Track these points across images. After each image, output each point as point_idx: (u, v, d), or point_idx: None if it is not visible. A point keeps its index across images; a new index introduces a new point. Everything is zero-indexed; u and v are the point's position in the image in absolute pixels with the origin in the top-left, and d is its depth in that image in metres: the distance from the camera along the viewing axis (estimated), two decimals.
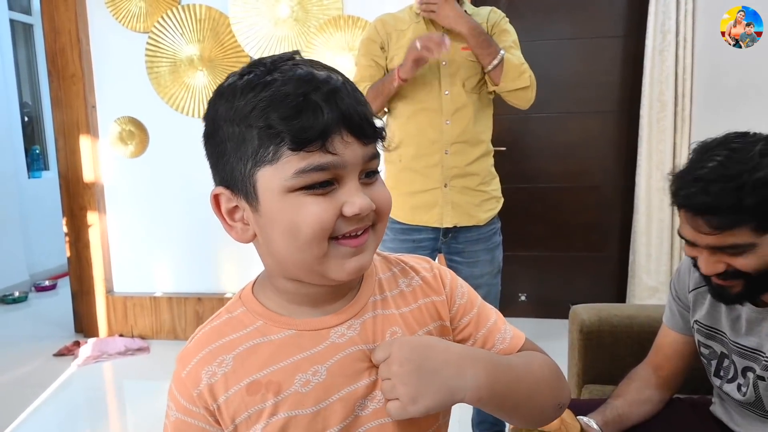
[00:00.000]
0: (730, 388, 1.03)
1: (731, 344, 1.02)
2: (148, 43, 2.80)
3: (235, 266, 2.94)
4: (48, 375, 2.56)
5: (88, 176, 2.92)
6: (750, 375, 0.99)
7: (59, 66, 2.85)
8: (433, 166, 1.57)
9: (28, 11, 4.34)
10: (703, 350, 1.09)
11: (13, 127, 4.00)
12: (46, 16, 2.84)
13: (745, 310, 0.99)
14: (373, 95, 1.53)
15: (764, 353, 0.96)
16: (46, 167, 4.45)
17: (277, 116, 0.51)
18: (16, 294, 3.73)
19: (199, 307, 2.92)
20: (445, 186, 1.57)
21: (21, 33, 4.32)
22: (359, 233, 0.55)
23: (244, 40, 2.73)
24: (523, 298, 3.14)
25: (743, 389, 1.00)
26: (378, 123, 0.57)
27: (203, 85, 2.80)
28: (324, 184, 0.53)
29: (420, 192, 1.59)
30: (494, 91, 1.59)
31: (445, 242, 1.63)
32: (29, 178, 4.22)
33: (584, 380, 1.52)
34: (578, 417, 1.03)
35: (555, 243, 3.09)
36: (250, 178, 0.54)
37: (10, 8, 4.06)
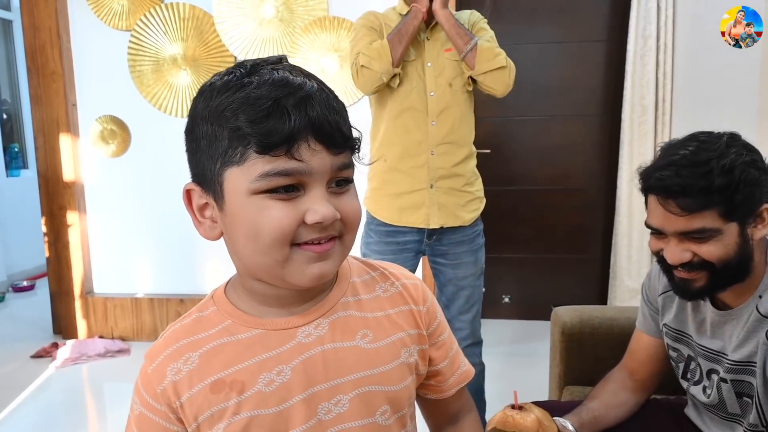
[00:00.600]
0: (696, 390, 1.05)
1: (697, 347, 1.04)
2: (130, 41, 2.76)
3: (217, 267, 2.92)
4: (25, 377, 2.51)
5: (68, 175, 2.87)
6: (714, 377, 1.01)
7: (39, 63, 2.80)
8: (420, 167, 1.57)
9: (7, 7, 4.26)
10: (672, 353, 1.10)
11: None
12: (25, 12, 2.79)
13: (709, 314, 1.01)
14: (397, 41, 1.50)
15: (726, 355, 0.98)
16: (24, 166, 4.37)
17: (246, 119, 0.51)
18: None
19: (180, 308, 2.89)
20: (431, 187, 1.58)
21: (0, 29, 4.23)
22: (323, 242, 0.55)
23: (228, 39, 2.71)
24: (506, 299, 3.16)
25: (708, 391, 1.02)
26: (354, 133, 0.56)
27: (187, 84, 2.77)
28: (288, 189, 0.52)
29: (406, 193, 1.59)
30: (474, 82, 1.58)
31: (429, 244, 1.64)
32: (7, 176, 4.14)
33: (565, 381, 1.53)
34: (554, 418, 1.04)
35: (539, 245, 3.12)
36: (218, 177, 0.54)
37: None
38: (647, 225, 0.96)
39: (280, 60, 0.57)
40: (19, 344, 2.87)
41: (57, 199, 2.89)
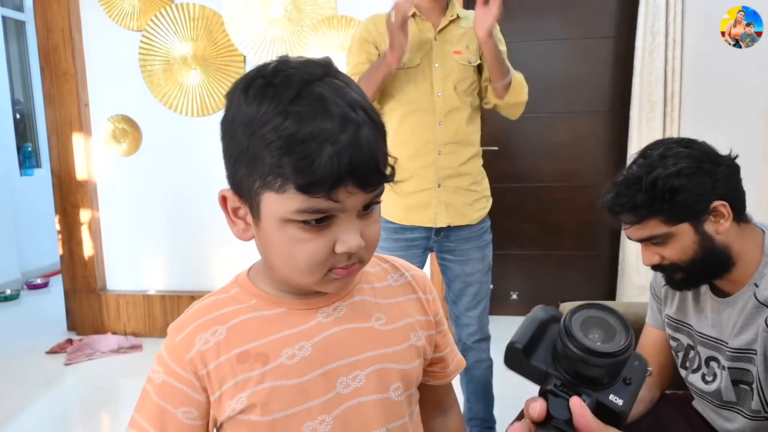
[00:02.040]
0: (695, 378, 1.07)
1: (696, 335, 1.07)
2: (141, 41, 2.80)
3: (228, 264, 2.95)
4: (40, 373, 2.56)
5: (81, 174, 2.92)
6: (714, 365, 1.03)
7: (52, 63, 2.85)
8: (427, 167, 1.58)
9: (20, 8, 4.32)
10: (672, 342, 1.14)
11: (5, 124, 3.99)
12: (38, 14, 2.83)
13: (709, 301, 1.05)
14: (365, 85, 1.52)
15: (726, 343, 1.00)
16: (38, 165, 4.43)
17: (290, 162, 0.52)
18: (8, 292, 3.72)
19: None
20: (439, 186, 1.59)
21: (13, 30, 4.30)
22: (348, 267, 0.59)
23: (237, 39, 2.73)
24: (514, 296, 3.17)
25: (707, 378, 1.05)
26: (387, 169, 0.57)
27: (196, 83, 2.81)
28: (320, 220, 0.55)
29: (414, 192, 1.61)
30: (489, 101, 1.62)
31: (437, 241, 1.65)
32: (21, 175, 4.21)
33: None
34: None
35: (546, 242, 3.12)
36: (256, 195, 0.56)
37: (2, 5, 4.04)
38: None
39: (326, 73, 0.56)
40: (34, 340, 2.92)
41: (70, 197, 2.94)
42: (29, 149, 4.33)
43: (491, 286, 1.73)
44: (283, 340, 0.61)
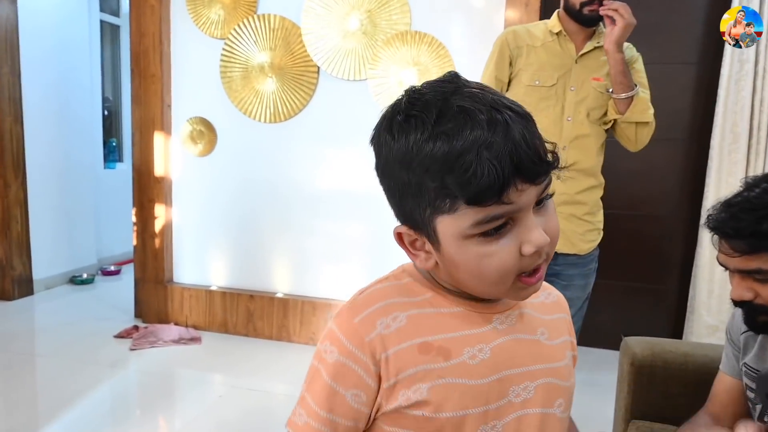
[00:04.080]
0: None
1: None
2: (223, 49, 2.94)
3: (288, 268, 3.03)
4: (107, 355, 2.72)
5: (159, 170, 3.09)
6: None
7: (141, 66, 3.04)
8: None
9: (116, 13, 4.64)
10: (749, 393, 1.07)
11: (95, 119, 4.28)
12: (133, 20, 3.04)
13: None
14: None
15: None
16: (120, 159, 4.73)
17: (453, 180, 0.52)
18: (84, 276, 3.97)
19: (250, 304, 3.03)
20: None
21: (108, 33, 4.62)
22: (535, 273, 0.58)
23: (313, 50, 2.82)
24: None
25: None
26: (550, 155, 0.55)
27: (271, 91, 2.92)
28: (499, 228, 0.55)
29: None
30: (612, 122, 1.57)
31: None
32: (105, 168, 4.50)
33: (632, 415, 1.47)
34: None
35: (611, 271, 2.99)
36: (430, 222, 0.57)
37: (101, 10, 4.36)
38: (718, 261, 1.00)
39: (457, 86, 0.56)
40: (104, 324, 3.11)
41: (147, 192, 3.11)
42: (114, 144, 4.63)
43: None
44: (465, 339, 0.61)
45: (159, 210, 3.11)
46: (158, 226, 3.12)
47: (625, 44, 1.62)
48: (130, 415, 2.27)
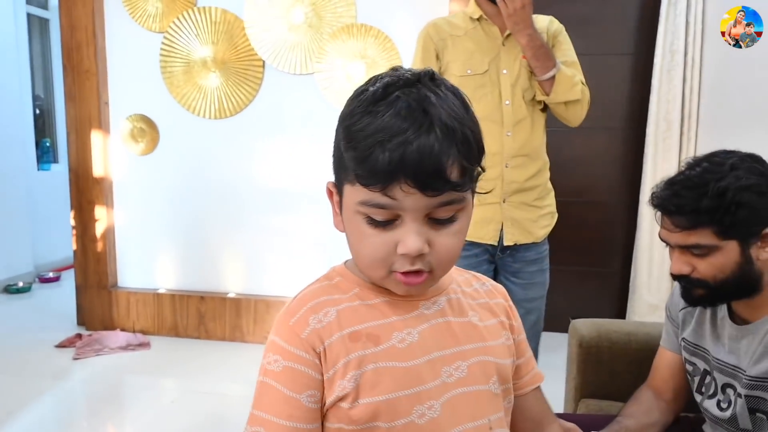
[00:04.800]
0: (710, 404, 1.06)
1: (713, 361, 1.05)
2: (162, 43, 2.84)
3: (240, 267, 2.97)
4: (48, 366, 2.58)
5: (97, 171, 2.95)
6: (729, 392, 1.02)
7: (74, 61, 2.89)
8: (493, 180, 1.50)
9: (45, 6, 4.39)
10: (688, 367, 1.12)
11: (25, 119, 4.05)
12: (63, 12, 2.88)
13: (727, 328, 1.03)
14: None
15: (744, 371, 0.99)
16: (55, 160, 4.49)
17: (353, 155, 0.57)
18: (20, 284, 3.76)
19: (201, 306, 2.95)
20: (504, 201, 1.53)
21: (36, 27, 4.37)
22: (417, 272, 0.60)
23: (257, 43, 2.76)
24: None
25: (722, 405, 1.03)
26: (462, 173, 0.56)
27: (215, 86, 2.84)
28: (386, 223, 0.58)
29: (477, 206, 1.57)
30: (544, 102, 1.54)
31: (501, 259, 1.59)
32: (38, 170, 4.26)
33: (581, 394, 1.53)
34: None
35: (558, 257, 3.07)
36: (340, 186, 0.62)
37: (28, 2, 4.12)
38: (660, 237, 1.03)
39: (418, 80, 0.58)
40: (43, 334, 2.95)
41: (86, 193, 2.97)
42: (47, 144, 4.39)
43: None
44: (392, 325, 0.63)
45: (99, 212, 2.97)
46: (99, 229, 2.98)
47: (546, 18, 1.60)
48: (77, 428, 2.17)
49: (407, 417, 0.61)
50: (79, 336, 2.88)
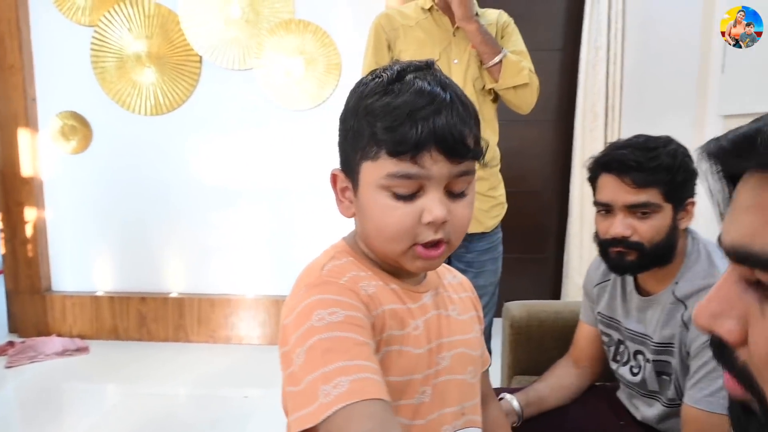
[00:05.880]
0: (624, 371, 1.16)
1: (625, 331, 1.16)
2: (93, 37, 2.74)
3: (182, 266, 2.92)
4: None
5: (26, 171, 2.83)
6: (640, 358, 1.12)
7: None
8: None
9: None
10: (604, 338, 1.22)
11: None
12: None
13: (635, 300, 1.13)
14: None
15: (651, 338, 1.09)
16: None
17: (382, 126, 0.60)
18: None
19: (142, 307, 2.88)
20: None
21: None
22: (433, 248, 0.63)
23: (193, 38, 2.72)
24: None
25: (634, 370, 1.14)
26: (476, 144, 0.63)
27: (151, 82, 2.77)
28: (410, 196, 0.61)
29: None
30: (494, 91, 1.57)
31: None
32: None
33: (514, 371, 1.62)
34: (502, 394, 1.14)
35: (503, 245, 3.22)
36: (356, 167, 0.64)
37: None
38: (597, 203, 1.08)
39: (428, 65, 0.65)
40: None
41: (14, 194, 2.84)
42: None
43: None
44: (410, 312, 0.67)
45: (29, 213, 2.85)
46: (29, 231, 2.86)
47: (496, 11, 1.66)
48: None
49: (410, 399, 0.66)
50: (11, 344, 2.76)
